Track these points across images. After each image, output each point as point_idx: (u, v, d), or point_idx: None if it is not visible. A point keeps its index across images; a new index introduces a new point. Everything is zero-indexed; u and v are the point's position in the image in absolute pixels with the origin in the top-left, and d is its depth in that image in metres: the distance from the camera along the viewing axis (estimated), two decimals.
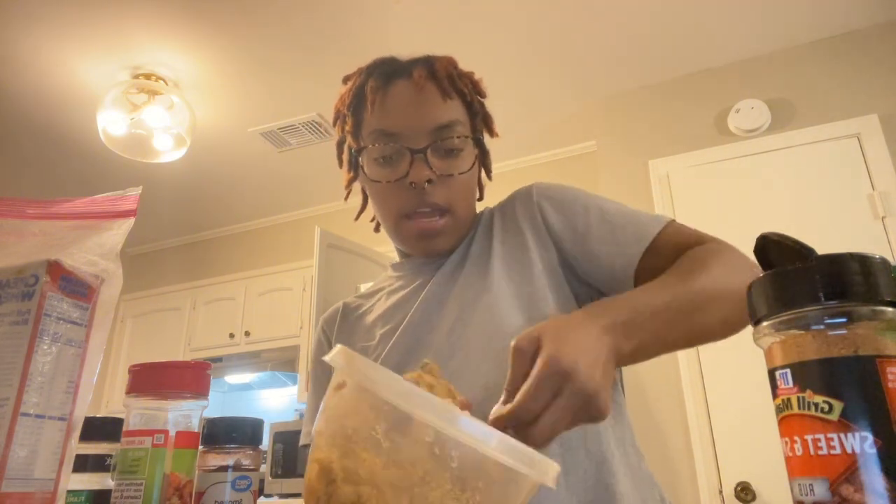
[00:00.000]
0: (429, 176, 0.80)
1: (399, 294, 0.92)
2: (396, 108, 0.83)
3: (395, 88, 0.84)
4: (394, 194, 0.83)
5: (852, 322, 0.31)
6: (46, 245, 0.46)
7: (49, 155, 3.44)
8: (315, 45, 2.67)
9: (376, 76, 0.86)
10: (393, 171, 0.82)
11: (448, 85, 0.84)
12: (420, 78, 0.83)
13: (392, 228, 0.87)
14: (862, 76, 2.55)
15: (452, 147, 0.82)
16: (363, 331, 0.92)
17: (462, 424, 0.37)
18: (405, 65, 0.87)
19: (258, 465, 0.59)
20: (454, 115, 0.84)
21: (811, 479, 0.30)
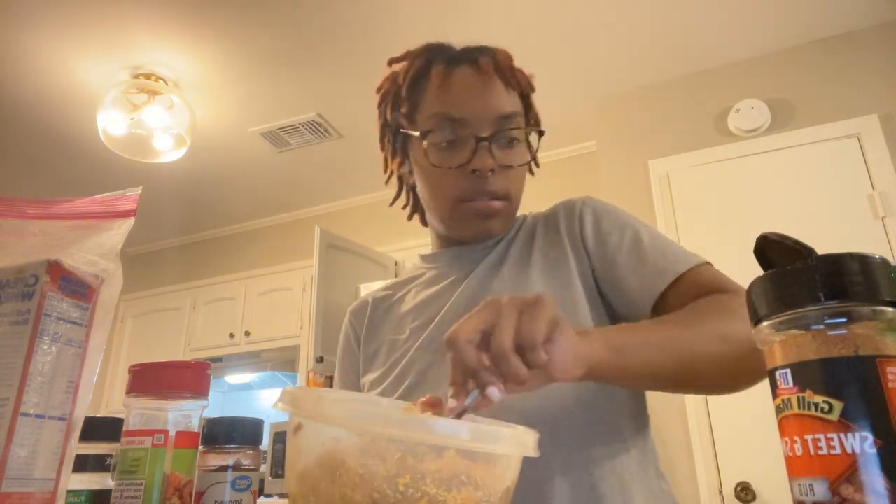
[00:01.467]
0: (492, 165, 0.80)
1: (432, 288, 0.91)
2: (463, 93, 0.82)
3: (459, 74, 0.84)
4: (453, 179, 0.82)
5: (852, 322, 0.31)
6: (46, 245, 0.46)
7: (49, 155, 3.44)
8: (315, 45, 2.67)
9: (441, 60, 0.86)
10: (455, 157, 0.82)
11: (511, 77, 0.85)
12: (487, 66, 0.83)
13: (447, 211, 0.85)
14: (862, 76, 2.55)
15: (513, 138, 0.83)
16: (393, 323, 0.92)
17: (427, 427, 0.37)
18: (467, 52, 0.87)
19: (258, 465, 0.59)
20: (515, 106, 0.84)
21: (811, 479, 0.30)
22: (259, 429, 0.60)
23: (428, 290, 0.91)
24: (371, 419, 0.37)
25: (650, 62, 2.81)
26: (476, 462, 0.37)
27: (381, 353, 0.90)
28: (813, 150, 2.53)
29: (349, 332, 0.97)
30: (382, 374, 0.87)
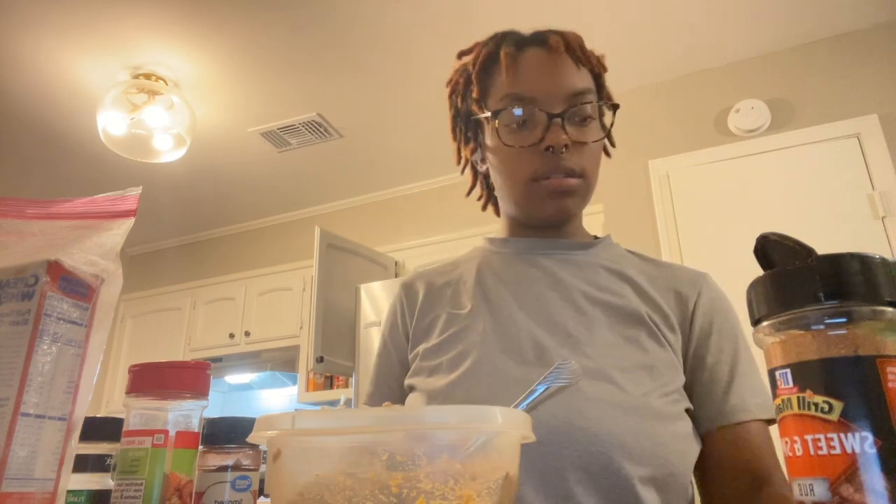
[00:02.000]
0: (565, 140, 0.78)
1: (496, 270, 0.87)
2: (532, 72, 0.82)
3: (528, 55, 0.83)
4: (527, 159, 0.80)
5: (852, 322, 0.31)
6: (46, 245, 0.46)
7: (49, 155, 3.44)
8: (315, 45, 2.67)
9: (509, 42, 0.86)
10: (528, 136, 0.80)
11: (582, 55, 0.84)
12: (556, 45, 0.82)
13: (521, 191, 0.83)
14: (862, 76, 2.55)
15: (586, 115, 0.82)
16: (450, 297, 0.88)
17: (412, 420, 0.36)
18: (537, 35, 0.87)
19: (258, 465, 0.59)
20: (587, 83, 0.83)
21: (811, 479, 0.30)
22: None
23: (495, 272, 0.87)
24: (349, 419, 0.37)
25: (650, 62, 2.81)
26: (470, 453, 0.37)
27: (439, 324, 0.85)
28: (813, 150, 2.53)
29: (398, 307, 0.92)
30: (439, 344, 0.82)
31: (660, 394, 0.71)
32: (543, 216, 0.84)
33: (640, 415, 0.68)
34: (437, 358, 0.81)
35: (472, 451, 0.37)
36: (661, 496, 0.68)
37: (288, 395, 4.14)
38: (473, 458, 0.37)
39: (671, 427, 0.70)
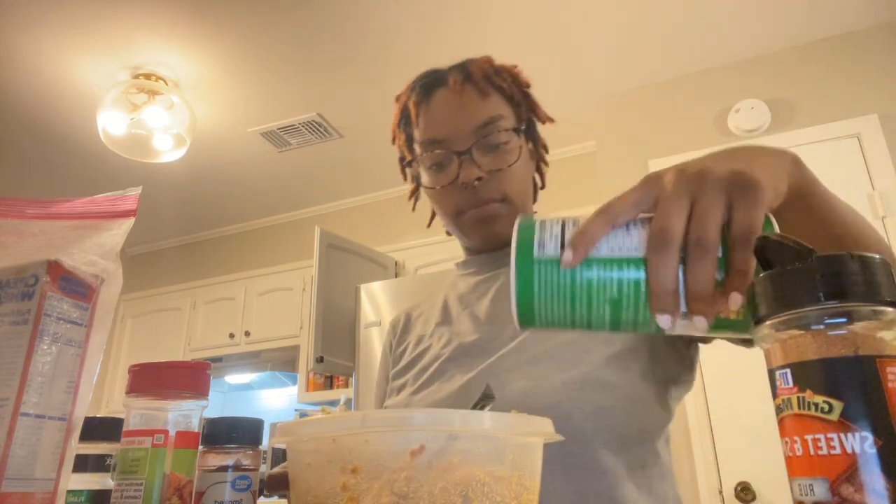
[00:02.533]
0: (477, 174, 0.83)
1: (458, 290, 0.95)
2: (438, 115, 0.86)
3: (435, 99, 0.88)
4: (448, 197, 0.86)
5: (852, 322, 0.31)
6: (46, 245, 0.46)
7: (49, 155, 3.44)
8: (315, 44, 2.67)
9: (417, 91, 0.90)
10: (444, 176, 0.86)
11: (484, 83, 0.87)
12: (455, 83, 0.86)
13: (453, 225, 0.90)
14: (862, 76, 2.55)
15: (497, 142, 0.85)
16: (420, 324, 0.97)
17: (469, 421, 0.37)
18: (443, 74, 0.90)
19: (258, 465, 0.59)
20: (495, 110, 0.86)
21: (811, 479, 0.30)
22: (259, 429, 0.60)
23: (456, 292, 0.95)
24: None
25: (650, 62, 2.81)
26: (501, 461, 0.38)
27: (409, 349, 0.94)
28: (813, 150, 2.53)
29: (385, 344, 1.03)
30: (406, 365, 0.91)
31: (604, 363, 0.75)
32: (478, 244, 0.92)
33: (584, 386, 0.72)
34: (404, 377, 0.90)
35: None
36: (618, 458, 0.72)
37: (288, 395, 4.14)
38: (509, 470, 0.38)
39: (615, 392, 0.73)
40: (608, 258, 0.40)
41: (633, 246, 0.40)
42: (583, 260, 0.40)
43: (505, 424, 0.39)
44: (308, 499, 0.38)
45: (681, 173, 0.42)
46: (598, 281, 0.40)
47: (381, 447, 0.37)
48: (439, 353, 0.86)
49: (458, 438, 0.37)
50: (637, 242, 0.40)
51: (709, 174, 0.41)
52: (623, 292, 0.40)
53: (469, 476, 0.36)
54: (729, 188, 0.40)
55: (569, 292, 0.40)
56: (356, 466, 0.36)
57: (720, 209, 0.39)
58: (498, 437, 0.38)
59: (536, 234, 0.42)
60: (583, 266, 0.40)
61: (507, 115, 0.87)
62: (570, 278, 0.40)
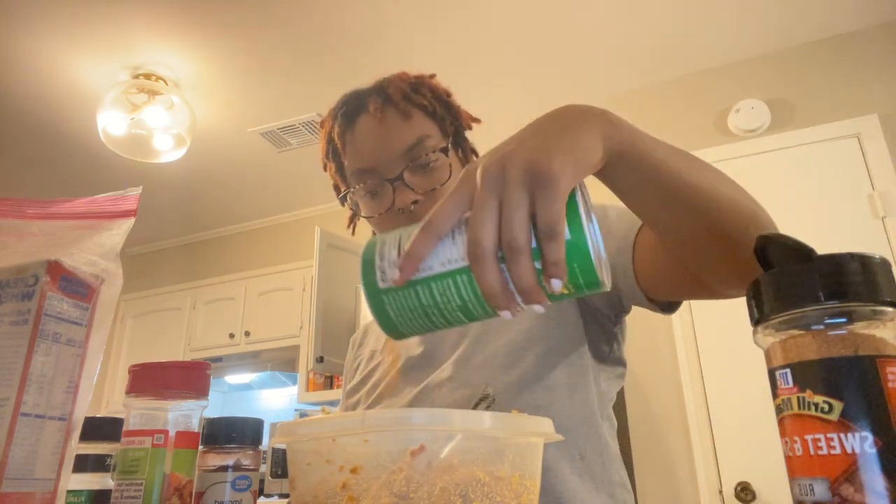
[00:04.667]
0: (413, 198, 0.82)
1: None
2: (364, 144, 0.86)
3: (358, 127, 0.87)
4: (387, 223, 0.86)
5: (852, 322, 0.31)
6: (46, 245, 0.46)
7: (49, 155, 3.44)
8: (315, 44, 2.67)
9: (340, 120, 0.89)
10: (380, 203, 0.85)
11: (405, 104, 0.85)
12: (376, 110, 0.85)
13: None
14: (862, 76, 2.55)
15: (427, 162, 0.84)
16: (373, 339, 0.99)
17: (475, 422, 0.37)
18: (363, 98, 0.89)
19: (258, 465, 0.59)
20: (419, 131, 0.85)
21: (811, 479, 0.30)
22: (259, 429, 0.60)
23: None
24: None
25: (650, 62, 2.81)
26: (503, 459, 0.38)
27: (361, 365, 0.97)
28: (813, 150, 2.53)
29: (348, 358, 1.05)
30: (358, 382, 0.94)
31: (540, 361, 0.78)
32: None
33: (522, 388, 0.76)
34: (357, 394, 0.92)
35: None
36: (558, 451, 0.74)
37: (288, 395, 4.14)
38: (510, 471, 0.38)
39: (550, 389, 0.77)
40: (441, 273, 0.43)
41: (459, 256, 0.43)
42: (410, 279, 0.43)
43: (505, 425, 0.39)
44: (308, 499, 0.38)
45: (486, 170, 0.43)
46: (441, 296, 0.43)
47: (381, 447, 0.37)
48: (388, 369, 0.89)
49: (457, 438, 0.37)
50: (462, 252, 0.43)
51: (509, 168, 0.42)
52: (465, 299, 0.43)
53: (469, 476, 0.36)
54: (529, 183, 0.41)
55: (420, 311, 0.43)
56: (356, 466, 0.36)
57: (524, 207, 0.41)
58: (498, 437, 0.38)
59: (377, 263, 0.45)
60: (421, 286, 0.43)
61: (433, 132, 0.86)
62: (416, 299, 0.43)
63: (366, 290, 0.45)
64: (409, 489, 0.35)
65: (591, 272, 0.41)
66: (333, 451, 0.38)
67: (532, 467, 0.40)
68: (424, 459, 0.36)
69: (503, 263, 0.40)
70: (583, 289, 0.42)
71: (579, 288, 0.42)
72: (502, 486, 0.37)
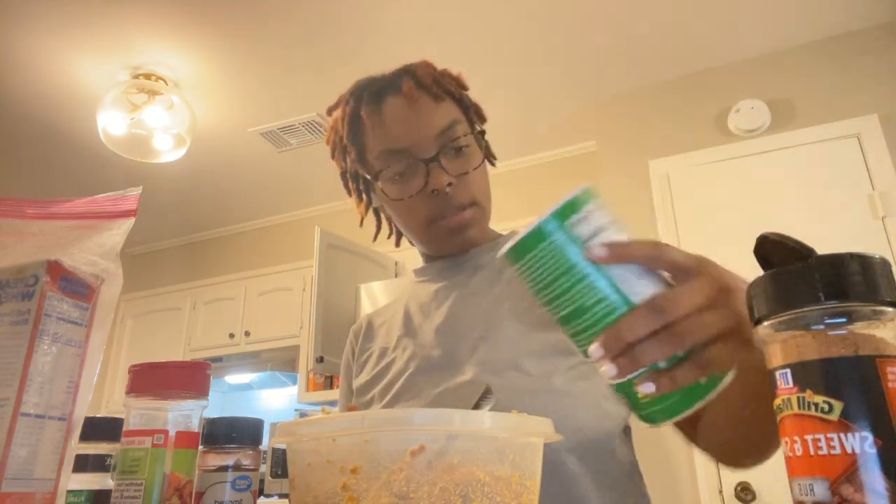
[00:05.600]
0: (448, 179, 0.82)
1: (420, 299, 0.94)
2: (396, 124, 0.84)
3: (388, 107, 0.85)
4: (418, 205, 0.84)
5: (852, 322, 0.31)
6: (46, 245, 0.46)
7: (49, 155, 3.44)
8: (315, 44, 2.67)
9: (367, 100, 0.87)
10: (411, 185, 0.84)
11: (437, 88, 0.86)
12: (409, 90, 0.84)
13: (423, 235, 0.88)
14: (862, 76, 2.55)
15: (460, 146, 0.84)
16: (383, 334, 0.95)
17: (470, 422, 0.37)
18: (390, 80, 0.88)
19: (258, 465, 0.59)
20: (451, 115, 0.85)
21: (811, 479, 0.30)
22: (259, 429, 0.60)
23: (418, 301, 0.94)
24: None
25: (650, 62, 2.81)
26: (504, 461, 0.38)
27: (372, 359, 0.93)
28: (813, 150, 2.53)
29: (348, 351, 1.01)
30: (371, 378, 0.90)
31: (564, 370, 0.76)
32: (451, 252, 0.91)
33: (543, 394, 0.74)
34: (370, 392, 0.89)
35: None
36: (583, 464, 0.73)
37: (288, 395, 4.14)
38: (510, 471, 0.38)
39: (578, 400, 0.74)
40: (610, 277, 0.42)
41: (634, 290, 0.42)
42: (603, 263, 0.42)
43: (505, 424, 0.39)
44: (308, 499, 0.38)
45: (719, 279, 0.43)
46: (588, 285, 0.42)
47: (381, 447, 0.37)
48: (404, 368, 0.86)
49: (457, 438, 0.37)
50: (639, 289, 0.42)
51: (734, 304, 0.42)
52: (595, 309, 0.42)
53: (469, 476, 0.36)
54: (731, 327, 0.42)
55: (562, 270, 0.42)
56: (356, 466, 0.36)
57: (714, 333, 0.41)
58: (498, 437, 0.38)
59: (582, 209, 0.44)
60: (592, 264, 0.42)
61: (461, 118, 0.87)
62: (572, 262, 0.42)
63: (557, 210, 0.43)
64: (409, 489, 0.35)
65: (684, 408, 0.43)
66: (333, 451, 0.38)
67: (532, 467, 0.40)
68: (424, 459, 0.36)
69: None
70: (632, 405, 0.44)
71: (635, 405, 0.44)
72: (502, 486, 0.37)
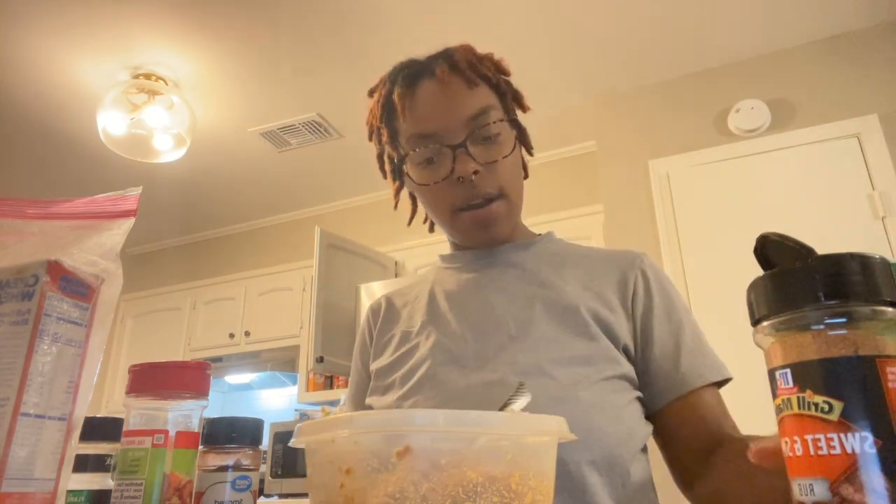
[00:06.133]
0: (474, 167, 0.80)
1: (446, 286, 0.91)
2: (427, 108, 0.83)
3: (421, 90, 0.84)
4: (444, 192, 0.83)
5: (852, 322, 0.31)
6: (46, 245, 0.46)
7: (49, 155, 3.44)
8: (315, 44, 2.67)
9: (400, 83, 0.86)
10: (438, 171, 0.82)
11: (471, 73, 0.84)
12: (443, 74, 0.82)
13: (448, 223, 0.87)
14: (862, 76, 2.55)
15: (490, 134, 0.82)
16: (405, 317, 0.92)
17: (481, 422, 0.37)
18: (426, 63, 0.86)
19: (258, 465, 0.59)
20: (484, 101, 0.83)
21: (811, 479, 0.30)
22: (259, 429, 0.60)
23: (445, 287, 0.91)
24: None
25: (650, 62, 2.81)
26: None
27: (393, 343, 0.90)
28: (813, 150, 2.53)
29: (364, 328, 0.98)
30: (391, 363, 0.87)
31: (592, 381, 0.74)
32: (476, 244, 0.89)
33: (570, 403, 0.71)
34: (391, 376, 0.85)
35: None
36: (603, 477, 0.71)
37: (288, 395, 4.14)
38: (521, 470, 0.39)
39: (605, 412, 0.72)
40: None
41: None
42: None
43: (491, 424, 0.38)
44: (320, 498, 0.39)
45: None
46: None
47: (369, 448, 0.37)
48: (427, 355, 0.83)
49: (443, 438, 0.37)
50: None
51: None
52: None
53: (459, 476, 0.36)
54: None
55: None
56: (349, 468, 0.37)
57: None
58: (486, 436, 0.38)
59: None
60: None
61: (495, 105, 0.85)
62: None
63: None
64: (398, 489, 0.35)
65: None
66: (332, 452, 0.38)
67: (538, 466, 0.39)
68: (412, 460, 0.36)
69: None
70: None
71: None
72: (499, 485, 0.37)
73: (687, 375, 0.77)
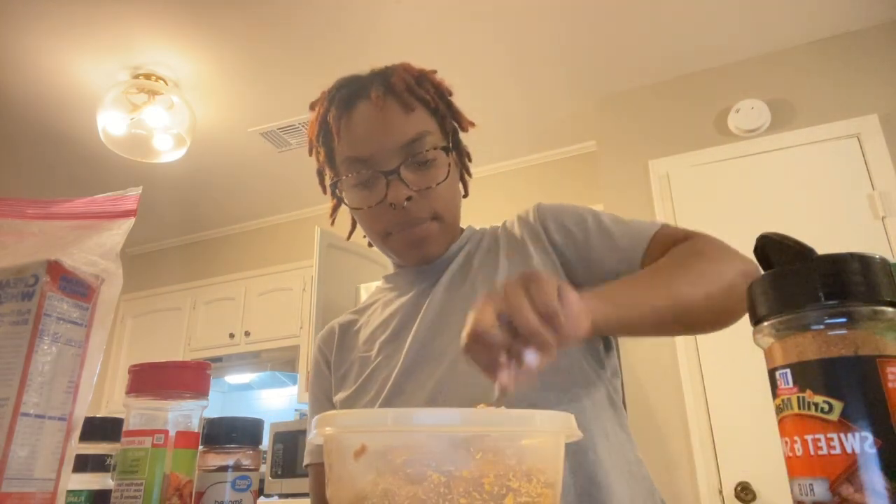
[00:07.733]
0: (407, 194, 0.80)
1: (395, 304, 0.92)
2: (361, 133, 0.82)
3: (356, 113, 0.83)
4: (377, 216, 0.83)
5: (852, 322, 0.31)
6: (46, 245, 0.46)
7: (49, 155, 3.44)
8: (315, 44, 2.67)
9: (337, 103, 0.85)
10: (371, 195, 0.82)
11: (408, 96, 0.83)
12: (378, 98, 0.81)
13: (381, 246, 0.88)
14: (862, 76, 2.55)
15: (425, 159, 0.81)
16: (361, 343, 0.92)
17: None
18: (364, 84, 0.85)
19: (258, 465, 0.59)
20: (420, 126, 0.82)
21: (811, 479, 0.30)
22: (259, 429, 0.61)
23: (393, 306, 0.91)
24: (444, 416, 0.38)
25: (650, 62, 2.81)
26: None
27: (353, 371, 0.90)
28: (813, 150, 2.53)
29: (319, 359, 0.97)
30: (355, 391, 0.87)
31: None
32: (411, 264, 0.90)
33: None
34: (357, 404, 0.86)
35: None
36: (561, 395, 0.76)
37: (288, 396, 4.14)
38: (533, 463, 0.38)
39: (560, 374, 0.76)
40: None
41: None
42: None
43: (439, 420, 0.37)
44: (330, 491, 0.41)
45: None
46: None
47: (334, 448, 0.38)
48: (389, 375, 0.83)
49: (397, 436, 0.37)
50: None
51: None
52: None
53: (419, 474, 0.35)
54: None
55: None
56: (329, 465, 0.38)
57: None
58: (447, 433, 0.37)
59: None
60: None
61: (433, 129, 0.84)
62: None
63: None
64: (358, 489, 0.36)
65: None
66: (320, 451, 0.40)
67: (522, 466, 0.37)
68: (367, 460, 0.36)
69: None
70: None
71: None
72: (468, 485, 0.35)
73: (631, 241, 0.81)
